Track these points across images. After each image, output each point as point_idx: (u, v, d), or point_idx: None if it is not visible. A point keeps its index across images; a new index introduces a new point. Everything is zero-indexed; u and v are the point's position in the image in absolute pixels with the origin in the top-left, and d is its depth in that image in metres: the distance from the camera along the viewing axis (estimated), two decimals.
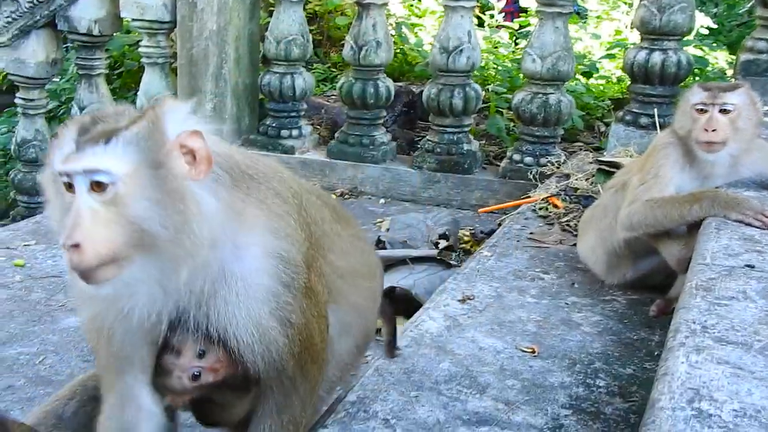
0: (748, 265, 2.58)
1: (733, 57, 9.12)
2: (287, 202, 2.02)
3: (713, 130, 3.24)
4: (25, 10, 6.30)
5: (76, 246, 1.64)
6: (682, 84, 5.54)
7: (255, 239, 1.91)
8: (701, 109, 3.29)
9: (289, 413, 2.08)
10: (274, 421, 2.07)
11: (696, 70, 6.69)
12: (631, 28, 8.42)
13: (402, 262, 4.30)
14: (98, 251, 1.66)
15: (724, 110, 3.26)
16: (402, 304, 3.92)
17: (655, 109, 5.41)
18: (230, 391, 2.12)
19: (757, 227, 2.93)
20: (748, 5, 14.30)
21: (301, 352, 2.01)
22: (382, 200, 6.18)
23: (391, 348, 2.88)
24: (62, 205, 1.74)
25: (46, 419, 2.00)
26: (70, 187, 1.70)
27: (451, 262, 4.40)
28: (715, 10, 13.64)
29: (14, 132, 7.04)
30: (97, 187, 1.68)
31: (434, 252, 4.53)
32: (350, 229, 2.52)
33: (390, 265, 4.31)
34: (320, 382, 2.20)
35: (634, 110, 5.59)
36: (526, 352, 2.96)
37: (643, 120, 5.49)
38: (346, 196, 6.17)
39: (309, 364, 2.07)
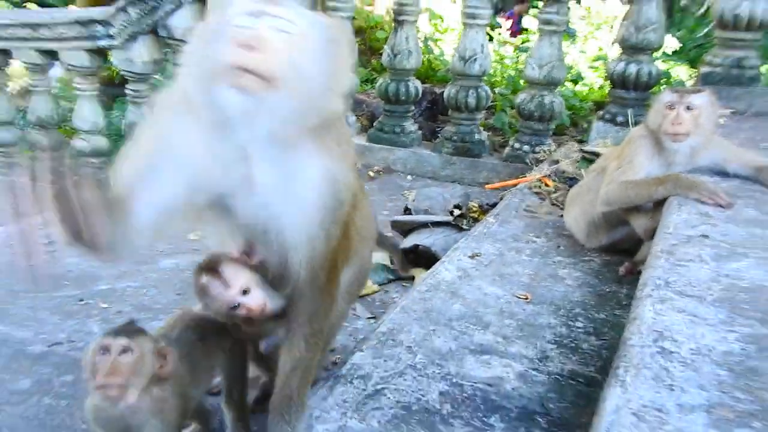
0: (703, 235, 2.53)
1: (692, 71, 8.97)
2: (352, 150, 2.04)
3: (679, 124, 3.19)
4: (134, 19, 6.30)
5: (252, 47, 1.58)
6: (651, 90, 5.43)
7: (328, 159, 1.83)
8: (671, 107, 3.23)
9: (317, 323, 2.03)
10: (306, 329, 2.01)
11: (662, 80, 6.56)
12: (613, 43, 8.28)
13: (424, 225, 4.27)
14: (269, 61, 1.60)
15: (689, 108, 3.21)
16: (423, 259, 3.90)
17: (630, 110, 5.30)
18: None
19: (711, 205, 2.88)
20: (705, 30, 14.11)
21: (328, 270, 1.96)
22: (409, 177, 6.14)
23: (404, 265, 3.09)
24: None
25: (159, 338, 2.01)
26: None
27: (463, 226, 4.36)
28: (678, 33, 13.55)
29: (124, 116, 7.07)
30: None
31: (450, 218, 4.49)
32: (365, 202, 2.40)
33: (414, 227, 4.29)
34: (335, 302, 2.12)
35: (612, 110, 5.49)
36: (520, 298, 2.93)
37: (619, 118, 5.38)
38: (381, 173, 6.14)
39: (331, 283, 2.01)
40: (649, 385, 1.59)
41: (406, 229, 4.31)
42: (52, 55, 6.76)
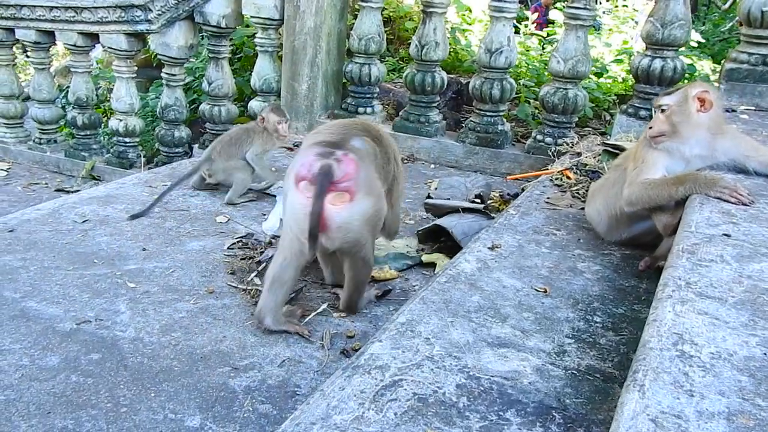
0: (725, 234, 2.43)
1: (716, 65, 8.74)
2: None
3: (650, 127, 3.20)
4: (171, 5, 6.27)
5: None
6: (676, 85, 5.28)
7: None
8: (654, 110, 3.28)
9: None
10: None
11: (687, 75, 6.39)
12: (638, 39, 8.10)
13: (455, 210, 4.21)
14: None
15: (663, 110, 3.17)
16: (445, 245, 3.83)
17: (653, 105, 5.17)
18: None
19: (733, 203, 2.77)
20: (729, 25, 13.81)
21: None
22: (432, 165, 6.05)
23: None
24: None
25: None
26: None
27: (492, 214, 4.26)
28: (702, 27, 13.34)
29: (160, 98, 7.07)
30: None
31: (481, 206, 4.39)
32: None
33: (448, 212, 4.23)
34: None
35: (636, 105, 5.35)
36: (539, 291, 2.85)
37: (642, 113, 5.25)
38: (405, 161, 6.05)
39: None
40: (668, 391, 1.52)
41: (441, 213, 4.25)
42: (93, 37, 6.77)
